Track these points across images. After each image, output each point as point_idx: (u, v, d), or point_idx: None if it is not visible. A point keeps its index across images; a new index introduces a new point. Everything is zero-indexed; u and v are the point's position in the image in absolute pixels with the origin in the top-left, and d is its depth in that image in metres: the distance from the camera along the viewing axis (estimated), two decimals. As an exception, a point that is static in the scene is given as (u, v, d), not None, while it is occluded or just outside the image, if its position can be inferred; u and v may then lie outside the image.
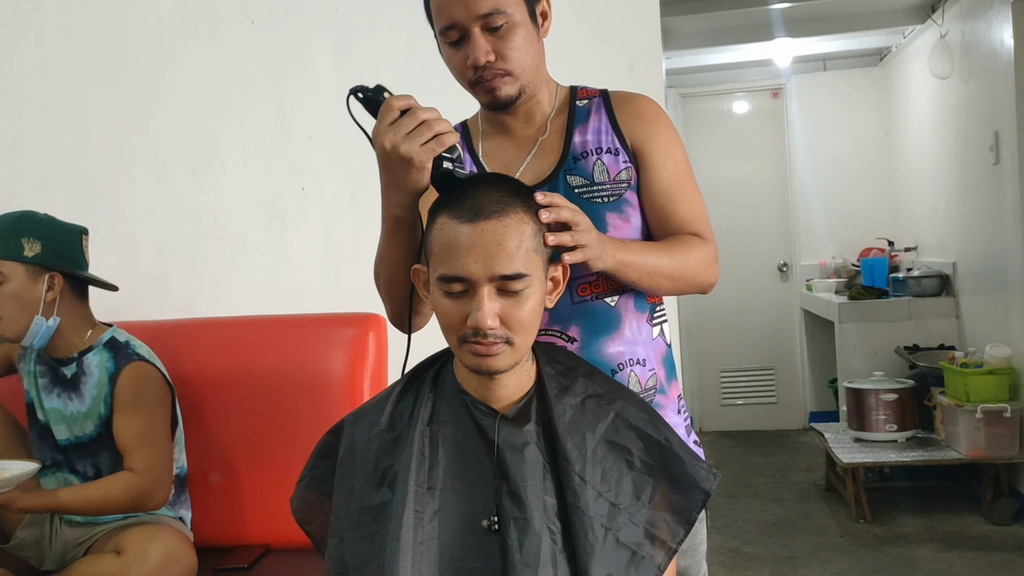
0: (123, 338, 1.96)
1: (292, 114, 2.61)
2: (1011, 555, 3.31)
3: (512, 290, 1.09)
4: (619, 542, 1.11)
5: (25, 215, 1.90)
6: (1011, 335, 3.77)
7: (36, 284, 1.87)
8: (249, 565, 2.04)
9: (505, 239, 1.08)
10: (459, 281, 1.08)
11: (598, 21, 2.52)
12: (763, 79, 5.82)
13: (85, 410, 1.91)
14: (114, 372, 1.88)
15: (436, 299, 1.12)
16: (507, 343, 1.10)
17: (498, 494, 1.11)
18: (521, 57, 1.32)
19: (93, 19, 2.67)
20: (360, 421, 1.21)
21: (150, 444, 1.86)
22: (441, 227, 1.10)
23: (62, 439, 1.94)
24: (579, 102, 1.43)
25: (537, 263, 1.11)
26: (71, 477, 1.95)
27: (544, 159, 1.39)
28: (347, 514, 1.16)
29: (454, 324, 1.10)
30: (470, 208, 1.09)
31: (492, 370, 1.11)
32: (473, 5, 1.28)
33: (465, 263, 1.07)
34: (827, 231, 5.64)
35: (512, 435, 1.13)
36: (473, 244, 1.07)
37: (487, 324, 1.07)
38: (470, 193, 1.11)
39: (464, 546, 1.10)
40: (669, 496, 1.16)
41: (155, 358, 1.97)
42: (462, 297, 1.09)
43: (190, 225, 2.64)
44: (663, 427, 1.19)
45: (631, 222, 1.35)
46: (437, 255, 1.10)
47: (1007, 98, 3.67)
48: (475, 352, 1.09)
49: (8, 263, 1.84)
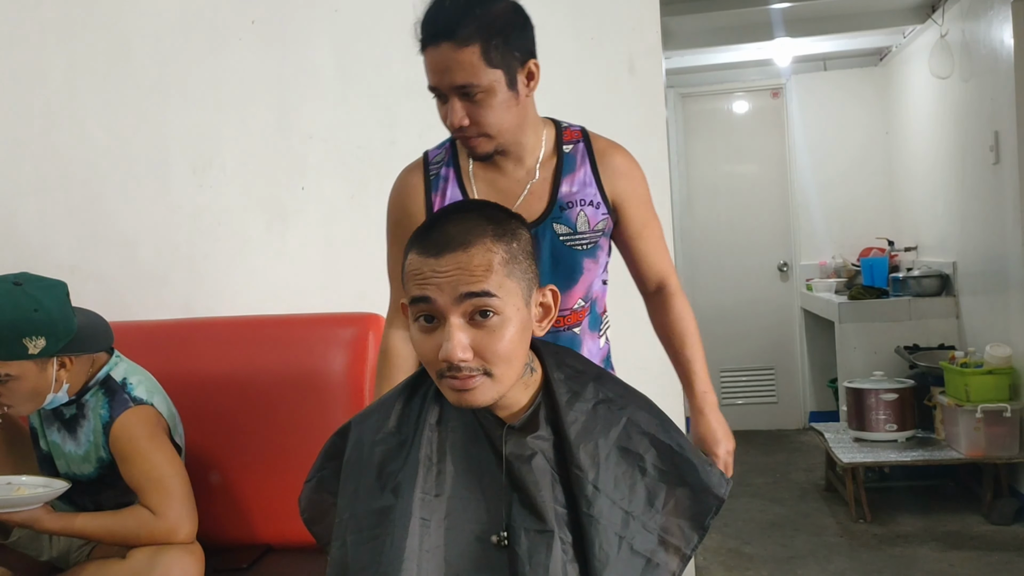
0: (120, 375, 1.92)
1: (292, 114, 2.61)
2: (1011, 555, 3.31)
3: (485, 316, 1.05)
4: (633, 550, 1.10)
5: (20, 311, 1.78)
6: (1011, 335, 3.77)
7: (46, 372, 1.83)
8: (249, 565, 2.04)
9: (470, 265, 1.05)
10: (424, 302, 1.06)
11: (598, 21, 2.52)
12: (763, 79, 5.82)
13: (82, 453, 1.90)
14: (108, 421, 1.86)
15: (413, 334, 1.10)
16: (486, 375, 1.06)
17: (508, 506, 1.09)
18: (497, 121, 1.43)
19: (93, 19, 2.67)
20: (366, 422, 1.20)
21: (159, 486, 1.84)
22: (410, 262, 1.09)
23: (62, 472, 1.94)
24: (566, 147, 1.55)
25: (511, 288, 1.08)
26: (69, 510, 1.94)
27: (534, 203, 1.52)
28: (351, 517, 1.14)
29: (430, 359, 1.08)
30: (436, 241, 1.07)
31: (472, 405, 1.08)
32: (448, 76, 1.39)
33: (429, 286, 1.06)
34: (827, 231, 5.64)
35: (520, 446, 1.11)
36: (437, 271, 1.06)
37: (457, 356, 1.04)
38: (438, 226, 1.09)
39: (470, 556, 1.09)
40: (683, 502, 1.15)
41: (154, 391, 1.93)
42: (434, 330, 1.07)
43: (190, 225, 2.64)
44: (675, 432, 1.18)
45: (599, 263, 1.57)
46: (406, 286, 1.09)
47: (1007, 98, 3.66)
48: (452, 387, 1.07)
49: (15, 364, 1.78)
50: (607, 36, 2.51)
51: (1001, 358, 3.70)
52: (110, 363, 1.93)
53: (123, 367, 1.94)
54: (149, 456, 1.84)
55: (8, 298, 1.78)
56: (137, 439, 1.85)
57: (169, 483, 1.85)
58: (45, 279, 1.87)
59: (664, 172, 2.51)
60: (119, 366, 1.94)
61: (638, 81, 2.50)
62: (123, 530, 1.82)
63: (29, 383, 1.81)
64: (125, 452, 1.84)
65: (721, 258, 5.78)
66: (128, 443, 1.84)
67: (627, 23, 2.51)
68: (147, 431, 1.86)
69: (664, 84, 2.77)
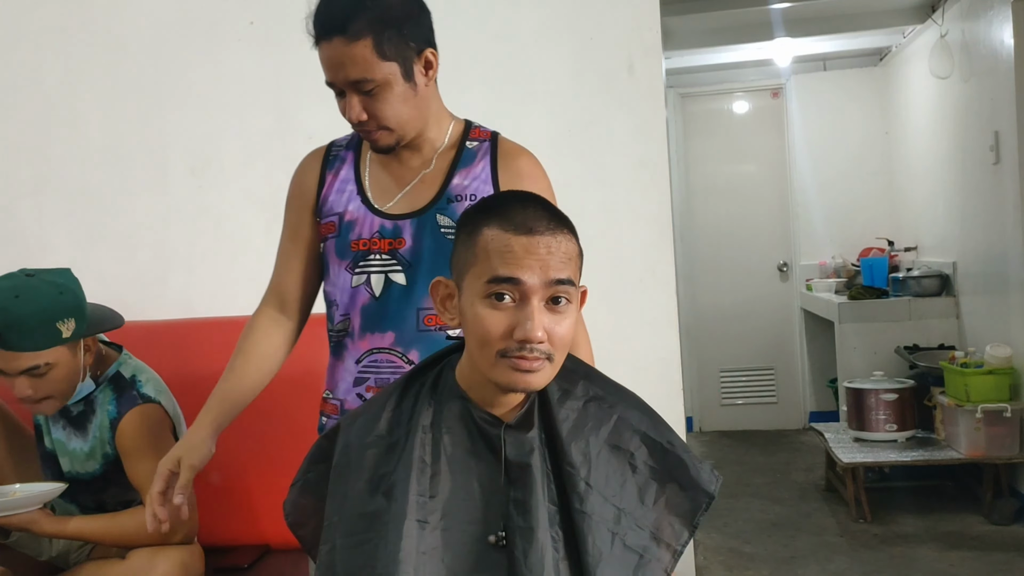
0: (129, 372, 1.93)
1: (291, 114, 2.60)
2: (1011, 555, 3.31)
3: (557, 302, 1.07)
4: (626, 546, 1.10)
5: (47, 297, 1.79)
6: (1011, 335, 3.77)
7: (77, 355, 1.85)
8: (249, 565, 2.04)
9: (559, 251, 1.07)
10: (511, 283, 1.05)
11: (598, 21, 2.52)
12: (763, 79, 5.82)
13: (88, 449, 1.90)
14: (115, 417, 1.87)
15: (475, 311, 1.07)
16: (548, 359, 1.07)
17: (506, 505, 1.09)
18: (395, 114, 1.41)
19: (92, 20, 2.67)
20: (356, 424, 1.18)
21: None
22: (491, 237, 1.07)
23: (66, 470, 1.93)
24: (469, 143, 1.51)
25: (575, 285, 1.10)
26: (72, 508, 1.95)
27: (422, 192, 1.48)
28: (340, 520, 1.13)
29: (496, 337, 1.06)
30: (523, 223, 1.07)
31: (530, 387, 1.08)
32: (342, 72, 1.38)
33: (521, 267, 1.05)
34: (827, 231, 5.64)
35: (517, 443, 1.11)
36: (529, 252, 1.06)
37: (537, 336, 1.04)
38: (518, 208, 1.09)
39: (469, 557, 1.08)
40: (673, 499, 1.15)
41: (161, 391, 1.94)
42: (507, 308, 1.06)
43: (190, 225, 2.64)
44: (665, 429, 1.18)
45: None
46: (484, 262, 1.07)
47: (1007, 98, 3.66)
48: (516, 367, 1.06)
49: (52, 351, 1.79)
50: (607, 36, 2.51)
51: (1001, 358, 3.70)
52: (119, 360, 1.95)
53: (132, 364, 1.96)
54: (153, 454, 1.84)
55: (30, 289, 1.79)
56: (143, 436, 1.85)
57: None
58: (50, 268, 1.89)
59: (664, 172, 2.51)
60: (128, 363, 1.95)
61: (638, 81, 2.50)
62: (122, 531, 1.82)
63: (65, 369, 1.82)
64: (130, 449, 1.85)
65: (721, 258, 5.78)
66: (133, 440, 1.85)
67: (627, 23, 2.51)
68: (153, 429, 1.87)
69: (664, 84, 2.77)
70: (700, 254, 5.78)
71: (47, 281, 1.82)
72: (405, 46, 1.39)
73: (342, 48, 1.36)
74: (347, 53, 1.36)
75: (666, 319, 2.52)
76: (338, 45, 1.36)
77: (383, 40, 1.36)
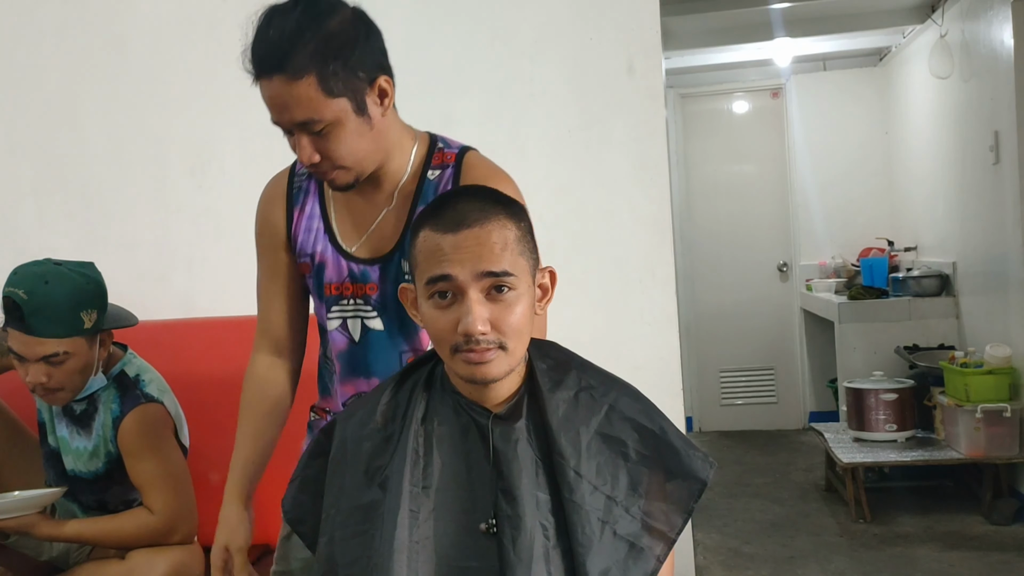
0: (133, 372, 1.93)
1: (292, 114, 2.60)
2: (1011, 555, 3.31)
3: (500, 291, 1.09)
4: (616, 535, 1.11)
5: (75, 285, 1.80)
6: (1011, 335, 3.77)
7: (93, 349, 1.85)
8: (249, 565, 2.04)
9: (489, 240, 1.09)
10: (445, 280, 1.08)
11: (598, 21, 2.52)
12: (763, 79, 5.82)
13: (91, 448, 1.90)
14: (118, 416, 1.87)
15: (425, 311, 1.12)
16: (501, 348, 1.10)
17: (495, 493, 1.11)
18: (351, 152, 1.30)
19: (91, 20, 2.67)
20: (352, 419, 1.21)
21: (163, 484, 1.85)
22: (424, 239, 1.11)
23: (69, 469, 1.94)
24: (431, 173, 1.39)
25: (523, 267, 1.12)
26: (74, 507, 1.95)
27: (385, 232, 1.39)
28: (337, 513, 1.15)
29: (444, 334, 1.10)
30: (451, 219, 1.10)
31: (487, 378, 1.11)
32: (286, 113, 1.27)
33: (451, 263, 1.08)
34: (827, 231, 5.64)
35: (504, 433, 1.13)
36: (457, 248, 1.08)
37: (477, 329, 1.07)
38: (449, 205, 1.12)
39: (461, 545, 1.10)
40: (666, 486, 1.16)
41: (164, 391, 1.94)
42: (451, 306, 1.09)
43: (189, 225, 2.64)
44: (658, 416, 1.19)
45: None
46: (422, 265, 1.11)
47: (1007, 98, 3.67)
48: (468, 360, 1.09)
49: (71, 340, 1.79)
50: (607, 36, 2.51)
51: (1001, 358, 3.70)
52: (124, 359, 1.95)
53: (137, 364, 1.96)
54: (155, 454, 1.85)
55: (59, 276, 1.79)
56: (145, 436, 1.86)
57: (172, 482, 1.85)
58: (75, 260, 1.90)
59: (664, 173, 2.51)
60: (133, 363, 1.96)
61: (638, 81, 2.50)
62: (120, 532, 1.82)
63: (81, 360, 1.82)
64: (132, 448, 1.85)
65: (721, 258, 5.78)
66: (136, 440, 1.85)
67: (626, 24, 2.51)
68: (155, 429, 1.88)
69: (664, 84, 2.77)
70: (700, 254, 5.78)
71: (74, 271, 1.83)
72: (354, 78, 1.26)
73: (283, 87, 1.24)
74: (290, 93, 1.24)
75: (666, 319, 2.52)
76: (279, 84, 1.25)
77: (328, 75, 1.24)
